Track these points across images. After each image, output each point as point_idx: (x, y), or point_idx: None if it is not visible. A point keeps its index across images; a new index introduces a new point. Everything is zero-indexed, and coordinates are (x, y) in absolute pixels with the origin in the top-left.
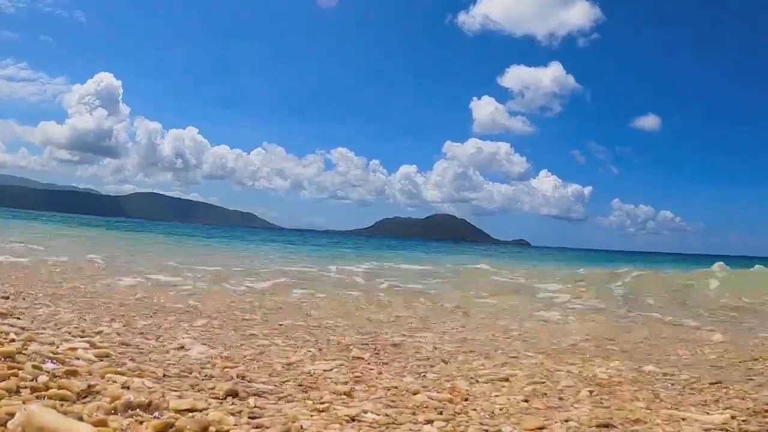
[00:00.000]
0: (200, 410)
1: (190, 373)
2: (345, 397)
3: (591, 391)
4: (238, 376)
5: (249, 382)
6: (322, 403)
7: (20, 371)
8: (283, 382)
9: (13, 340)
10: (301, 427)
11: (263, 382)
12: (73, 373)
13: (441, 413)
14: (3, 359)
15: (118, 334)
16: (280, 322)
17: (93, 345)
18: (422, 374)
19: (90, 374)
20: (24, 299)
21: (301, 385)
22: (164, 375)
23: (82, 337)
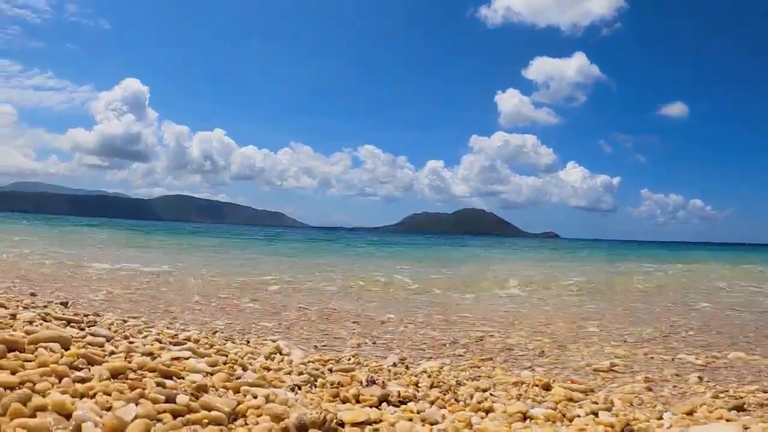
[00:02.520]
0: (374, 421)
1: (316, 380)
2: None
3: (700, 377)
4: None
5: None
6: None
7: (144, 389)
8: (430, 387)
9: (112, 353)
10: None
11: (404, 387)
12: (202, 389)
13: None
14: (117, 376)
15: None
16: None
17: (195, 352)
18: (530, 367)
19: (215, 387)
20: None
21: (446, 393)
22: (295, 385)
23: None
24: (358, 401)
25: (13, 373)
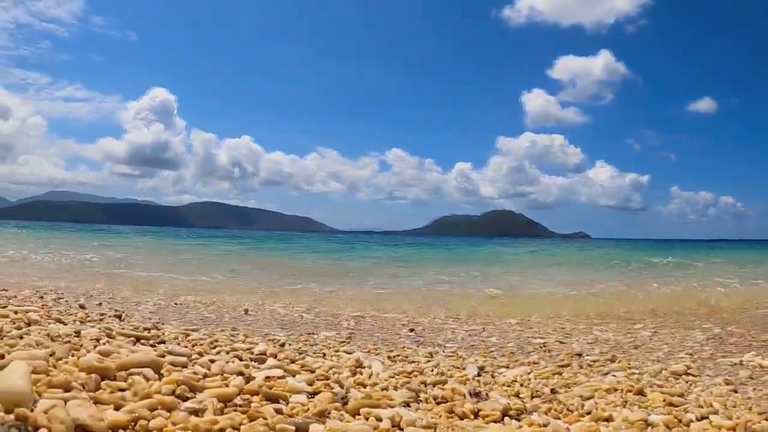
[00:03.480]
0: None
1: (419, 395)
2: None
3: None
4: (473, 393)
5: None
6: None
7: (265, 418)
8: (531, 397)
9: (206, 375)
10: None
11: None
12: (322, 414)
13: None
14: (226, 404)
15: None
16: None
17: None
18: (608, 373)
19: (326, 410)
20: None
21: (548, 402)
22: (404, 402)
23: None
24: (477, 416)
25: (117, 408)
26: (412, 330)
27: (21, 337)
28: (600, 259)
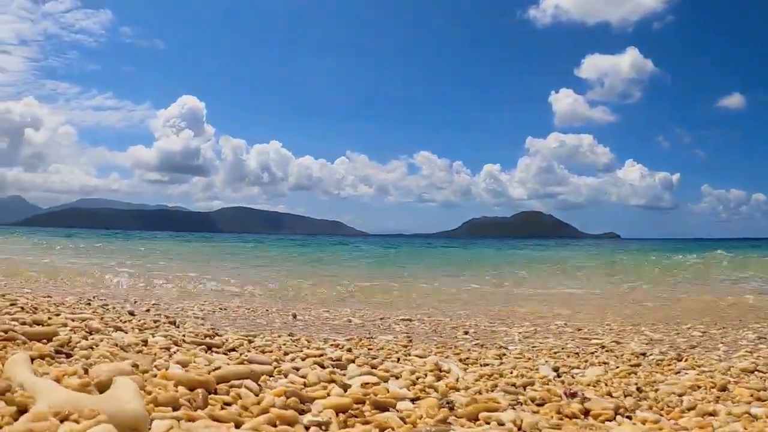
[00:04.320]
0: None
1: (517, 397)
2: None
3: None
4: (569, 394)
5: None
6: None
7: (392, 429)
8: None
9: (305, 384)
10: None
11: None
12: (443, 422)
13: None
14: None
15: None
16: None
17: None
18: (679, 372)
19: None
20: None
21: (641, 400)
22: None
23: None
24: (586, 416)
25: (238, 426)
26: (466, 332)
27: (91, 348)
28: (633, 260)
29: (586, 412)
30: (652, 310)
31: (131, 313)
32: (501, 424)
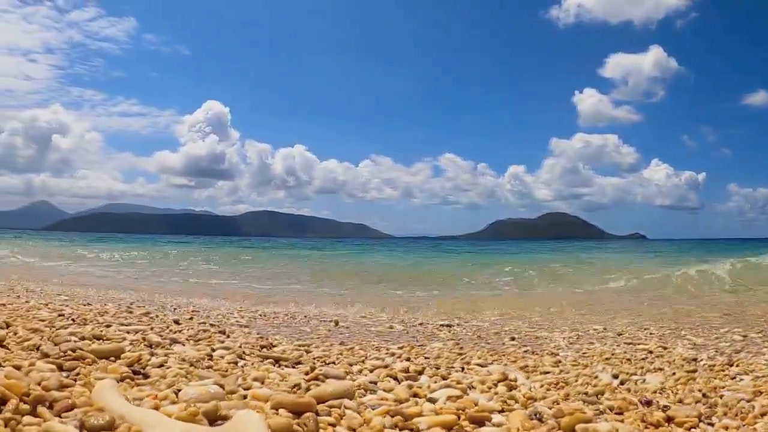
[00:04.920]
0: None
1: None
2: None
3: None
4: (644, 402)
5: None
6: None
7: None
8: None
9: (398, 401)
10: None
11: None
12: None
13: None
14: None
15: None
16: None
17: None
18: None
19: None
20: None
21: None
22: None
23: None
24: (670, 423)
25: None
26: (513, 338)
27: (161, 366)
28: (661, 261)
29: (669, 420)
30: (682, 313)
31: (176, 322)
32: None
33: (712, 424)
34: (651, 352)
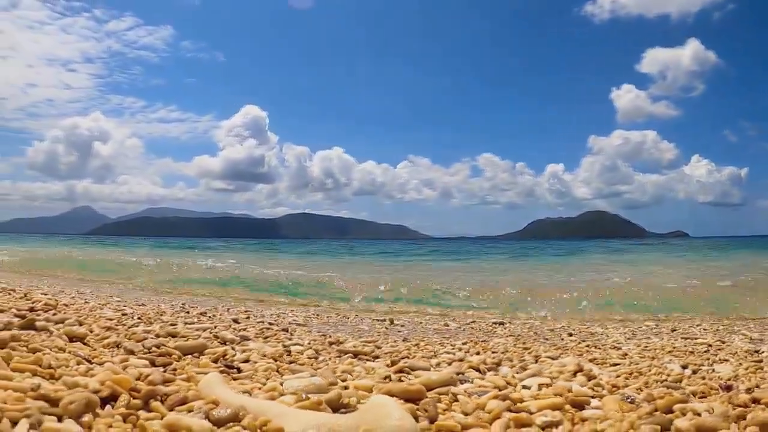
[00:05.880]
0: None
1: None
2: None
3: None
4: (724, 387)
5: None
6: None
7: None
8: None
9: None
10: None
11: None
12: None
13: None
14: None
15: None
16: None
17: None
18: None
19: None
20: None
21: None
22: None
23: None
24: (756, 403)
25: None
26: (570, 334)
27: (247, 361)
28: (704, 260)
29: (755, 401)
30: (729, 308)
31: (235, 321)
32: (697, 413)
33: None
34: (710, 345)
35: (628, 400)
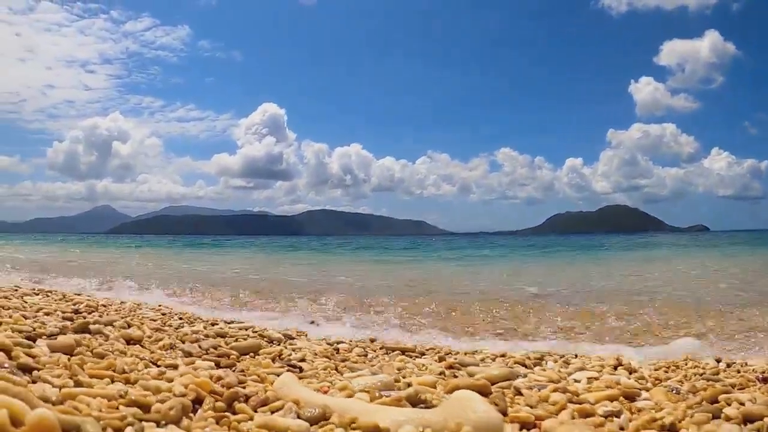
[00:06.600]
0: None
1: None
2: None
3: None
4: (762, 379)
5: None
6: None
7: None
8: None
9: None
10: None
11: None
12: None
13: None
14: None
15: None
16: None
17: None
18: None
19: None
20: None
21: None
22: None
23: None
24: None
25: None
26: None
27: (303, 360)
28: (727, 255)
29: None
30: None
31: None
32: (741, 403)
33: None
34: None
35: (674, 391)
